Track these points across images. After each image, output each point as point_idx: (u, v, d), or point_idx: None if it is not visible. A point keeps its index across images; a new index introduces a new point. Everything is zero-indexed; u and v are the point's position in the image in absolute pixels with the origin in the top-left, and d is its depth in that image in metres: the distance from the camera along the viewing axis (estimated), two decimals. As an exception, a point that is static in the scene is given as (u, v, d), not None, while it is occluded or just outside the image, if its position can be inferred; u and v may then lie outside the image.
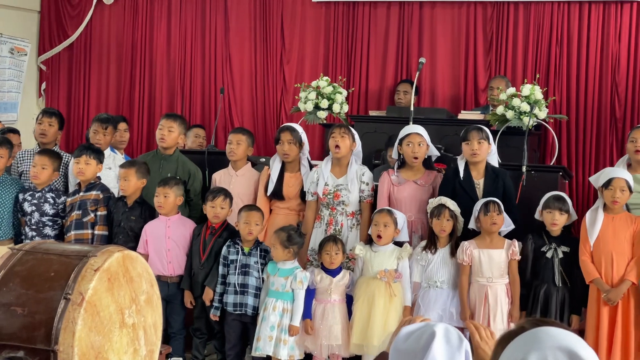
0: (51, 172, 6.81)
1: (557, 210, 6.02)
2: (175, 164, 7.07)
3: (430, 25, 9.30)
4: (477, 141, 6.27)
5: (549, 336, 1.96)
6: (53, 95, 10.59)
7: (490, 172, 6.35)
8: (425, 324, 2.33)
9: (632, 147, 6.40)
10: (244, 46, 9.90)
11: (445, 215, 6.07)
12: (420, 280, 6.18)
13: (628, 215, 6.04)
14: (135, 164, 6.76)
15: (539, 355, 1.92)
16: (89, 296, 3.35)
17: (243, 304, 6.24)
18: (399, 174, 6.50)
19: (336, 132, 6.50)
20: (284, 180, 6.75)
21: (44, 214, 6.75)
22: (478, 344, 2.64)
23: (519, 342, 1.99)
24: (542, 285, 6.02)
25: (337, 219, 6.47)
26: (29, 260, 3.50)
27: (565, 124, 8.62)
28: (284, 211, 6.75)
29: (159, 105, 10.10)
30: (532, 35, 8.91)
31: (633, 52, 8.55)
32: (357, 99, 9.41)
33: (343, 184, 6.49)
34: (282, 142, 6.70)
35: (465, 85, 9.19)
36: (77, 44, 10.50)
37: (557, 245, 6.03)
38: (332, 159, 6.61)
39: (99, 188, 6.74)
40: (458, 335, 2.29)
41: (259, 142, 9.69)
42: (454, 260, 6.12)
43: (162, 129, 7.09)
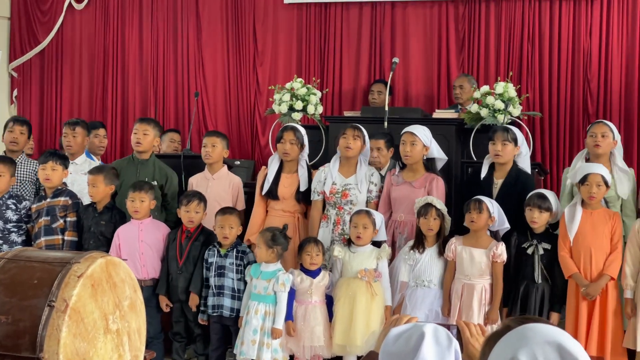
0: (8, 178, 6.79)
1: (536, 208, 6.05)
2: (152, 168, 7.07)
3: (402, 25, 9.33)
4: (502, 142, 6.31)
5: (536, 332, 1.98)
6: (25, 101, 10.51)
7: (514, 174, 6.38)
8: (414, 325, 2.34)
9: (592, 141, 6.47)
10: (217, 49, 9.88)
11: (432, 214, 6.10)
12: (408, 280, 6.20)
13: (606, 211, 6.10)
14: (103, 170, 6.75)
15: (528, 351, 1.93)
16: (73, 303, 3.33)
17: (219, 305, 6.25)
18: (400, 174, 6.52)
19: (348, 133, 6.52)
20: (280, 180, 6.74)
21: (8, 221, 6.72)
22: (468, 341, 2.66)
23: (507, 341, 2.01)
24: (522, 281, 6.06)
25: (345, 219, 6.47)
26: (12, 268, 3.47)
27: (539, 120, 8.67)
28: (279, 212, 6.73)
29: (132, 110, 10.06)
30: (504, 33, 8.96)
31: (604, 48, 8.62)
32: (332, 100, 9.42)
33: (352, 183, 6.51)
34: (284, 141, 6.69)
35: (439, 84, 9.22)
36: (48, 49, 10.44)
37: (539, 241, 6.07)
38: (340, 158, 6.61)
39: (67, 194, 6.74)
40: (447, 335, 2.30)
41: (233, 145, 9.67)
42: (442, 260, 6.15)
43: (137, 133, 7.08)
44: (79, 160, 7.41)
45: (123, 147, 9.90)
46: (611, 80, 8.57)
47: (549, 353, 1.92)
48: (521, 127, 7.90)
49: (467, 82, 8.36)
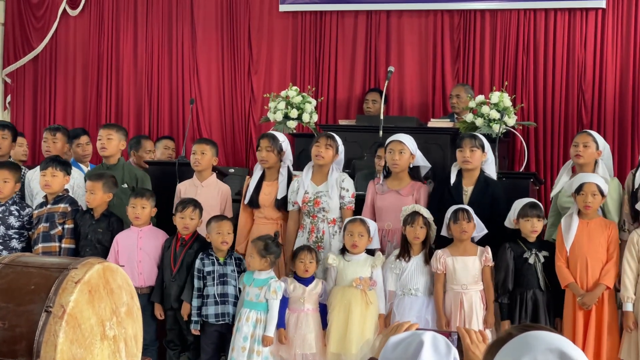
0: (13, 184, 6.79)
1: (535, 217, 6.05)
2: (122, 172, 7.11)
3: (397, 34, 9.34)
4: (470, 149, 6.30)
5: (538, 340, 1.98)
6: (18, 108, 10.49)
7: (482, 181, 6.37)
8: (412, 333, 2.33)
9: (574, 151, 6.47)
10: (212, 57, 9.88)
11: (418, 223, 6.09)
12: (395, 289, 6.19)
13: (603, 220, 6.10)
14: (102, 177, 6.74)
15: (531, 358, 1.93)
16: (70, 309, 3.31)
17: (225, 313, 6.24)
18: (384, 182, 6.52)
19: (321, 142, 6.52)
20: (261, 188, 6.74)
21: (10, 227, 6.70)
22: (468, 347, 2.65)
23: (509, 348, 2.01)
24: (527, 291, 6.04)
25: (319, 227, 6.47)
26: (9, 273, 3.45)
27: (533, 130, 8.69)
28: (262, 220, 6.73)
29: (127, 116, 10.04)
30: (499, 43, 8.98)
31: (599, 59, 8.65)
32: (326, 108, 9.42)
33: (323, 190, 6.50)
34: (260, 149, 6.72)
35: (434, 93, 9.24)
36: (42, 56, 10.42)
37: (537, 250, 6.07)
38: (313, 167, 6.61)
39: (67, 201, 6.71)
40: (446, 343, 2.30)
41: (227, 153, 9.69)
42: (428, 268, 6.14)
43: (102, 139, 7.16)
44: None
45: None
46: (605, 90, 8.59)
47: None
48: (516, 137, 7.94)
49: (464, 92, 8.37)
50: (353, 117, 8.89)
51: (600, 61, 8.65)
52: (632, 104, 8.56)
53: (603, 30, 8.66)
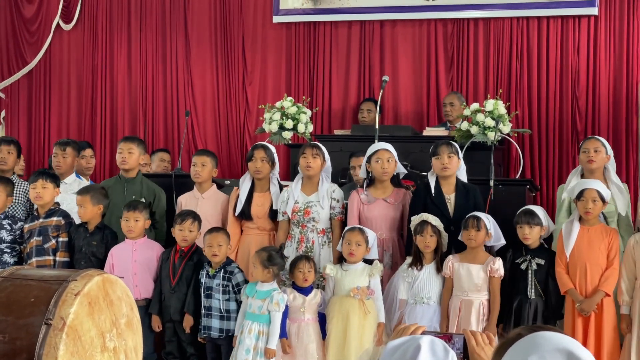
0: (5, 198, 6.77)
1: (525, 224, 6.07)
2: (140, 186, 7.06)
3: (391, 44, 9.37)
4: (447, 155, 6.31)
5: (547, 340, 1.99)
6: (13, 123, 10.49)
7: (461, 187, 6.39)
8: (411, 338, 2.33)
9: (585, 157, 6.51)
10: (206, 69, 9.89)
11: (428, 231, 6.10)
12: (407, 297, 6.19)
13: (604, 227, 6.11)
14: (90, 190, 6.73)
15: (538, 358, 1.93)
16: (70, 321, 3.30)
17: (209, 326, 6.23)
18: (368, 192, 6.52)
19: (307, 152, 6.52)
20: (252, 199, 6.74)
21: (2, 241, 6.69)
22: (474, 349, 2.65)
23: (518, 348, 2.01)
24: (515, 296, 6.06)
25: (308, 237, 6.48)
26: (8, 286, 3.44)
27: (528, 138, 8.71)
28: (254, 231, 6.74)
29: (122, 130, 10.04)
30: (493, 51, 9.01)
31: (592, 66, 8.69)
32: (321, 118, 9.44)
33: (314, 200, 6.51)
34: (255, 159, 6.70)
35: (428, 102, 9.26)
36: (36, 70, 10.42)
37: (532, 257, 6.08)
38: (303, 177, 6.62)
39: (60, 214, 6.70)
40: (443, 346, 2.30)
41: (223, 165, 9.68)
42: (441, 276, 6.15)
43: (122, 152, 7.08)
44: (69, 179, 7.40)
45: (112, 167, 9.86)
46: (599, 97, 8.63)
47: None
48: (511, 144, 7.96)
49: (457, 100, 8.40)
50: (348, 127, 8.91)
51: (594, 68, 8.68)
52: (626, 110, 8.59)
53: (596, 37, 8.70)
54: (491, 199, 6.50)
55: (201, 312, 6.29)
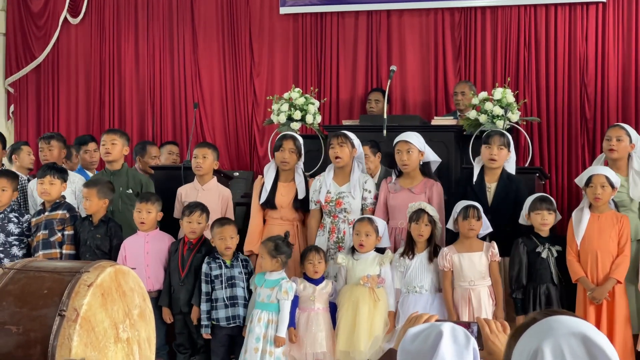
0: (11, 192, 6.83)
1: (545, 210, 6.06)
2: (126, 177, 7.14)
3: (398, 33, 9.34)
4: (498, 146, 6.31)
5: (561, 324, 1.99)
6: (22, 117, 10.50)
7: (505, 178, 6.37)
8: (431, 324, 2.34)
9: (607, 145, 6.46)
10: (213, 61, 9.88)
11: (423, 220, 6.10)
12: (400, 286, 6.20)
13: (614, 214, 6.08)
14: (97, 183, 6.76)
15: (553, 342, 1.94)
16: (83, 312, 3.32)
17: (235, 316, 6.24)
18: (397, 181, 6.51)
19: (334, 143, 6.52)
20: (277, 189, 6.73)
21: (10, 234, 6.72)
22: (488, 337, 2.66)
23: (532, 332, 2.01)
24: (540, 286, 6.04)
25: (340, 227, 6.48)
26: (21, 278, 3.47)
27: (537, 126, 8.69)
28: (277, 221, 6.74)
29: (130, 123, 10.05)
30: (500, 40, 8.98)
31: (600, 53, 8.65)
32: (329, 109, 9.43)
33: (345, 191, 6.50)
34: (283, 150, 6.70)
35: (436, 92, 9.23)
36: (44, 64, 10.42)
37: (550, 245, 6.07)
38: (334, 167, 6.60)
39: (65, 207, 6.74)
40: (465, 333, 2.30)
41: (231, 156, 9.69)
42: (433, 265, 6.15)
43: (105, 144, 7.16)
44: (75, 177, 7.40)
45: (122, 160, 9.86)
46: (608, 84, 8.59)
47: (574, 344, 1.92)
48: (520, 133, 7.94)
49: (468, 89, 8.36)
50: (356, 117, 8.88)
51: (602, 55, 8.64)
52: (635, 97, 8.56)
53: (604, 24, 8.66)
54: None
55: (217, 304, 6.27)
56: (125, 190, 6.99)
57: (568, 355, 1.91)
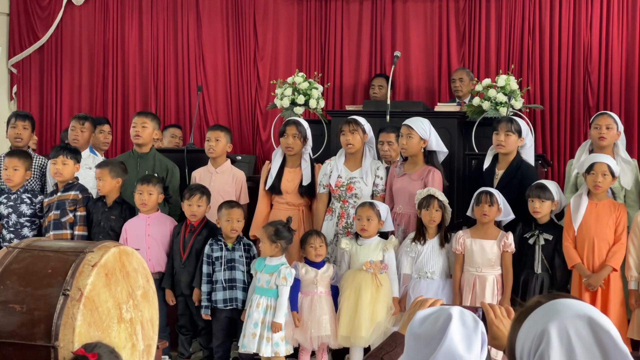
0: (23, 172, 6.80)
1: (536, 198, 6.07)
2: (152, 162, 7.09)
3: (403, 19, 9.34)
4: (505, 133, 6.31)
5: (567, 306, 2.00)
6: (25, 98, 10.49)
7: (515, 165, 6.38)
8: (440, 308, 2.35)
9: (597, 133, 6.48)
10: (217, 44, 9.88)
11: (434, 206, 6.11)
12: (411, 272, 6.22)
13: (612, 202, 6.11)
14: (109, 163, 6.76)
15: (559, 324, 1.95)
16: (87, 292, 3.33)
17: (233, 298, 6.26)
18: (402, 166, 6.53)
19: (346, 129, 6.51)
20: (283, 174, 6.74)
21: (22, 215, 6.73)
22: (492, 322, 2.67)
23: (537, 315, 2.03)
24: (522, 271, 6.09)
25: (349, 212, 6.49)
26: (26, 257, 3.47)
27: (540, 113, 8.70)
28: (283, 206, 6.76)
29: (133, 105, 10.05)
30: (505, 27, 8.99)
31: (604, 41, 8.66)
32: (332, 94, 9.43)
33: (357, 176, 6.52)
34: (286, 135, 6.70)
35: (440, 78, 9.25)
36: (47, 45, 10.41)
37: (541, 232, 6.09)
38: (345, 152, 6.61)
39: (78, 188, 6.73)
40: (473, 317, 2.32)
41: (234, 140, 9.63)
42: (444, 251, 6.17)
43: (136, 126, 7.11)
44: (84, 154, 7.41)
45: (124, 142, 9.89)
46: (611, 72, 8.61)
47: (580, 326, 1.94)
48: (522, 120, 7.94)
49: (466, 75, 8.40)
50: (360, 103, 8.89)
51: (606, 43, 8.65)
52: (638, 85, 8.58)
53: (609, 13, 8.66)
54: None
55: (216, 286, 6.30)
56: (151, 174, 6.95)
57: (574, 337, 1.92)
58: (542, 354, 1.94)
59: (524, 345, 2.01)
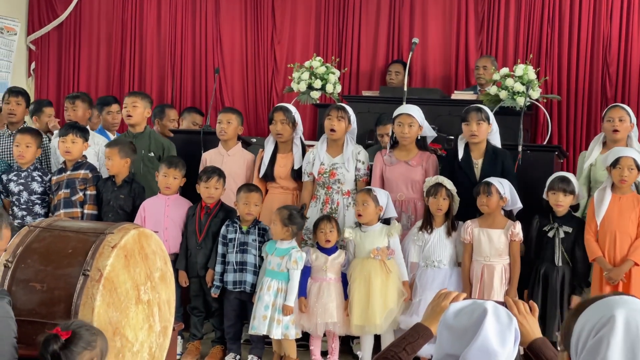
0: (35, 149, 6.84)
1: (560, 191, 6.05)
2: (148, 140, 7.14)
3: (421, 6, 9.32)
4: (476, 122, 6.29)
5: (632, 301, 2.03)
6: (42, 75, 10.54)
7: (491, 152, 6.37)
8: (474, 302, 2.38)
9: (610, 126, 6.45)
10: (235, 26, 9.88)
11: (442, 194, 6.11)
12: (418, 260, 6.23)
13: (635, 196, 6.06)
14: (118, 143, 6.79)
15: (627, 313, 1.96)
16: (107, 272, 3.38)
17: (242, 281, 6.28)
18: (392, 154, 6.53)
19: (332, 115, 6.52)
20: (276, 160, 6.78)
21: (33, 193, 6.76)
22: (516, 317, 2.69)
23: (602, 304, 2.04)
24: (542, 264, 6.08)
25: (333, 198, 6.50)
26: (46, 237, 3.52)
27: (557, 103, 8.68)
28: (278, 191, 6.78)
29: (150, 85, 10.07)
30: (524, 16, 8.95)
31: (624, 33, 8.61)
32: (349, 79, 9.43)
33: (339, 162, 6.53)
34: (275, 122, 6.71)
35: (457, 66, 9.23)
36: (66, 23, 10.44)
37: (560, 225, 6.08)
38: (327, 139, 6.63)
39: (87, 167, 6.76)
40: (507, 313, 2.34)
41: (250, 123, 9.71)
42: (451, 240, 6.17)
43: (127, 107, 7.19)
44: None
45: (140, 122, 9.89)
46: (630, 64, 8.57)
47: None
48: (539, 110, 7.93)
49: (490, 64, 8.35)
50: (376, 89, 8.90)
51: (626, 34, 8.61)
52: (657, 78, 8.54)
53: (629, 4, 8.61)
54: (519, 164, 6.49)
55: (228, 267, 6.34)
56: (147, 154, 7.02)
57: None
58: (601, 338, 1.95)
59: (584, 327, 2.02)
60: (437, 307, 2.74)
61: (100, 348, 3.11)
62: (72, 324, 3.12)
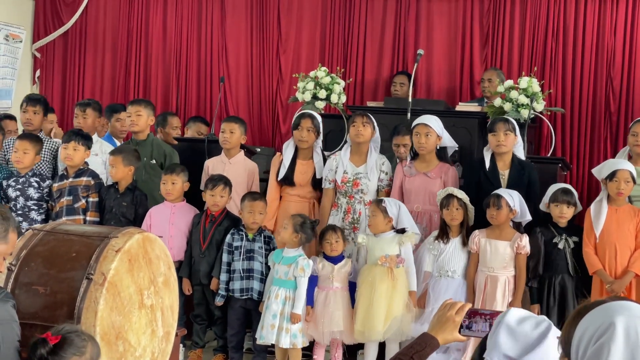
0: (33, 156, 6.83)
1: (564, 204, 6.08)
2: (150, 148, 7.16)
3: (427, 18, 9.34)
4: (504, 132, 6.31)
5: (633, 306, 2.00)
6: (47, 82, 10.55)
7: (517, 163, 6.39)
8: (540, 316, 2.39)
9: (633, 140, 6.49)
10: (240, 35, 9.90)
11: (454, 205, 6.12)
12: (432, 270, 6.23)
13: (631, 207, 6.11)
14: (122, 151, 6.82)
15: (627, 320, 1.94)
16: (110, 276, 3.38)
17: (249, 288, 6.29)
18: (412, 165, 6.54)
19: (358, 121, 6.56)
20: (295, 166, 6.77)
21: (29, 199, 6.76)
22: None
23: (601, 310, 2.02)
24: (556, 276, 6.08)
25: (355, 208, 6.52)
26: (50, 240, 3.52)
27: (560, 116, 8.69)
28: (294, 198, 6.79)
29: (154, 94, 10.07)
30: (528, 29, 8.96)
31: (628, 47, 8.63)
32: (354, 89, 9.44)
33: (362, 172, 6.55)
34: (301, 128, 6.73)
35: (461, 78, 9.24)
36: (72, 31, 10.45)
37: (568, 235, 6.09)
38: (351, 147, 6.64)
39: (89, 174, 6.77)
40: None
41: (254, 132, 9.72)
42: (466, 250, 6.18)
43: (131, 115, 7.20)
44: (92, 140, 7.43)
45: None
46: (634, 78, 8.58)
47: None
48: (543, 122, 7.94)
49: (496, 76, 8.36)
50: (380, 99, 8.90)
51: (630, 48, 8.62)
52: (661, 92, 8.55)
53: (634, 17, 8.63)
54: (523, 176, 6.49)
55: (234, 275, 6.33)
56: (149, 161, 7.03)
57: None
58: (601, 345, 1.94)
59: (584, 334, 2.00)
60: (443, 317, 2.74)
61: (91, 354, 3.10)
62: (62, 329, 3.12)
